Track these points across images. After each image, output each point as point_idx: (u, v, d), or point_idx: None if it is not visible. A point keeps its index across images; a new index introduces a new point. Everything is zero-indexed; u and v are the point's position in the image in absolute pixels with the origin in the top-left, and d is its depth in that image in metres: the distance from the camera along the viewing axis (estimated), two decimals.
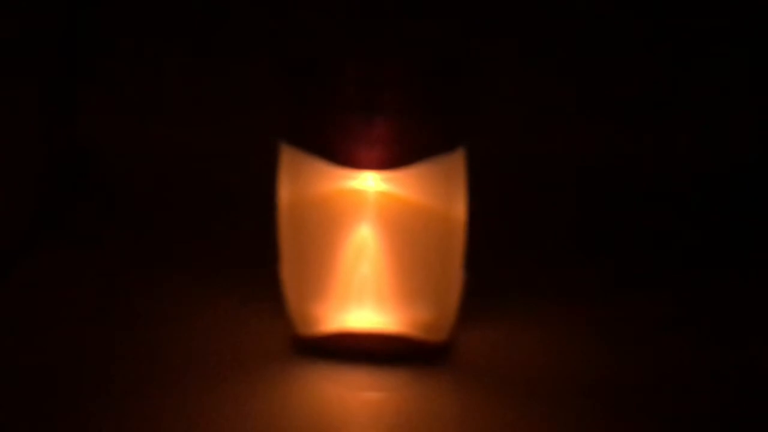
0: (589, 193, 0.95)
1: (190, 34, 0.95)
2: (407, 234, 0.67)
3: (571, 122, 0.96)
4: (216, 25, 0.95)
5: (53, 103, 0.95)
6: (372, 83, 0.65)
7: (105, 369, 0.69)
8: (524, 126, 0.95)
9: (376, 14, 0.88)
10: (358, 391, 0.68)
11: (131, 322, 0.75)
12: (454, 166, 0.67)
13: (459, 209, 0.67)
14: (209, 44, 0.95)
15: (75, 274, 0.83)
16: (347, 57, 0.66)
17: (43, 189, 0.93)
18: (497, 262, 0.84)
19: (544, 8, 0.95)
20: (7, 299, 0.79)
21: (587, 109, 0.96)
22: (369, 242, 0.67)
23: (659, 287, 0.83)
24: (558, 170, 0.95)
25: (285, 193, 0.67)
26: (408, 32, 0.89)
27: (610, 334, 0.76)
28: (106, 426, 0.64)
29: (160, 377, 0.69)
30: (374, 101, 0.64)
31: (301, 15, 0.92)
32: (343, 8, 0.91)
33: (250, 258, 0.80)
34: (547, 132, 0.95)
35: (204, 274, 0.82)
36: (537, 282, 0.83)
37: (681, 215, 0.94)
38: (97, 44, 0.96)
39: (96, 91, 0.97)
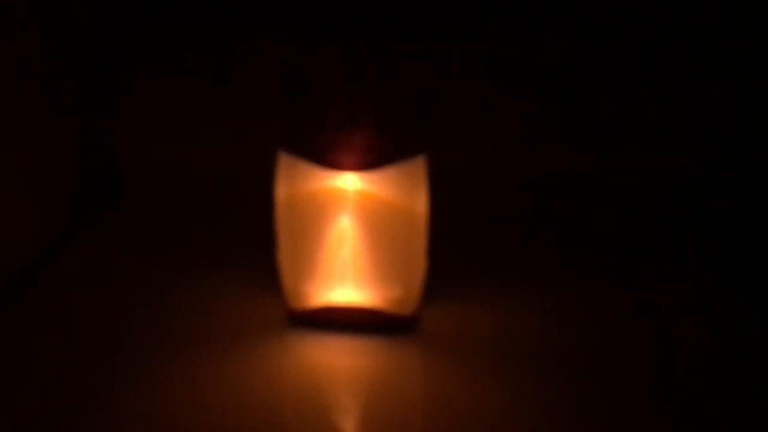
0: (541, 192, 0.96)
1: (209, 60, 0.96)
2: (380, 224, 0.72)
3: (523, 135, 0.97)
4: (232, 55, 0.96)
5: (88, 114, 0.95)
6: (352, 103, 0.71)
7: (123, 341, 0.74)
8: (481, 135, 0.96)
9: (356, 49, 0.91)
10: (341, 356, 0.73)
11: (150, 301, 0.79)
12: (417, 169, 0.72)
13: (421, 204, 0.73)
14: (225, 71, 0.96)
15: (106, 264, 0.86)
16: (332, 83, 0.72)
17: (77, 193, 0.94)
18: (459, 250, 0.87)
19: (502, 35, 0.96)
20: (53, 285, 0.82)
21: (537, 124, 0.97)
22: (349, 231, 0.72)
23: (598, 272, 0.86)
24: (513, 174, 0.96)
25: (281, 191, 0.73)
26: (381, 62, 0.91)
27: (556, 309, 0.79)
28: (119, 388, 0.68)
29: (173, 342, 0.73)
30: (353, 117, 0.70)
31: (299, 50, 0.94)
32: (331, 45, 0.93)
33: (253, 245, 0.82)
34: (502, 141, 0.96)
35: (215, 258, 0.85)
36: (492, 266, 0.86)
37: (629, 217, 0.95)
38: (130, 62, 0.97)
39: (126, 105, 0.97)
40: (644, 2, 0.96)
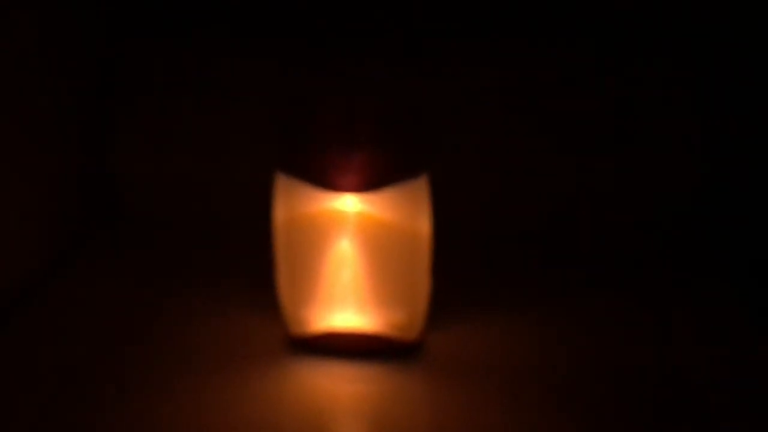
0: (548, 209, 0.96)
1: (206, 81, 0.97)
2: (381, 247, 0.71)
3: (528, 150, 0.96)
4: (230, 73, 0.97)
5: (87, 133, 0.96)
6: (349, 122, 0.70)
7: (122, 364, 0.73)
8: (484, 151, 0.96)
9: (352, 62, 0.93)
10: (342, 383, 0.72)
11: (150, 322, 0.78)
12: (419, 190, 0.71)
13: (424, 226, 0.72)
14: (221, 91, 0.97)
15: (104, 284, 0.86)
16: (329, 102, 0.71)
17: (75, 211, 0.94)
18: (463, 271, 0.86)
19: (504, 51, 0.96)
20: (49, 306, 0.82)
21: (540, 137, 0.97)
22: (349, 254, 0.71)
23: (603, 294, 0.84)
24: (518, 190, 0.96)
25: (280, 213, 0.72)
26: (381, 75, 0.92)
27: (565, 332, 0.78)
28: (116, 413, 0.67)
29: (171, 369, 0.73)
30: (352, 137, 0.69)
31: (296, 67, 0.95)
32: (329, 62, 0.95)
33: (252, 268, 0.82)
34: (507, 157, 0.96)
35: (213, 282, 0.85)
36: (498, 288, 0.85)
37: (637, 235, 0.94)
38: (129, 81, 0.98)
39: (125, 125, 0.98)
40: (650, 9, 0.96)
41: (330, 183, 0.70)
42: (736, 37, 0.95)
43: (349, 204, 0.71)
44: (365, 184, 0.70)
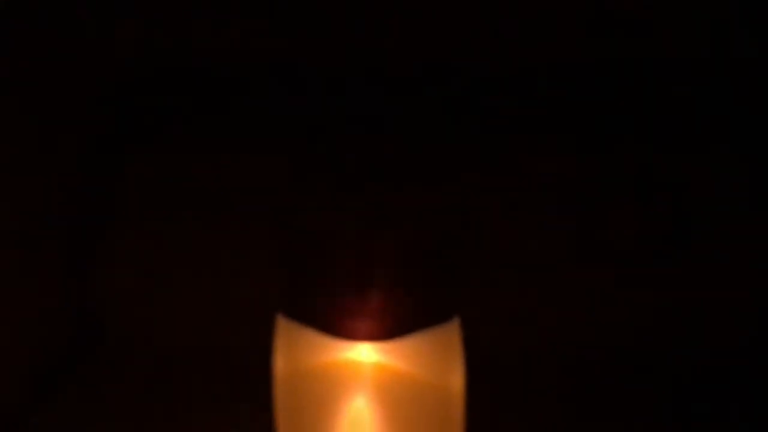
0: (590, 361, 0.89)
1: (194, 207, 0.94)
2: (404, 405, 0.63)
3: (576, 287, 0.91)
4: (218, 198, 0.94)
5: (70, 267, 0.94)
6: (365, 258, 0.63)
7: None
8: (524, 292, 0.91)
9: (367, 189, 0.89)
10: None
11: None
12: (449, 336, 0.63)
13: (456, 380, 0.63)
14: (211, 218, 0.94)
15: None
16: (341, 233, 0.66)
17: (56, 348, 0.91)
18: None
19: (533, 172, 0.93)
20: None
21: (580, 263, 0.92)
22: (365, 414, 0.63)
23: None
24: (552, 342, 0.90)
25: (281, 364, 0.64)
26: (401, 203, 0.88)
27: None
28: None
29: None
30: (367, 275, 0.62)
31: (301, 193, 0.92)
32: (341, 188, 0.91)
33: (250, 429, 0.76)
34: (551, 297, 0.91)
35: None
36: None
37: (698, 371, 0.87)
38: (110, 216, 0.95)
39: (109, 259, 0.95)
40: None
41: (341, 330, 0.62)
42: None
43: (364, 354, 0.62)
44: (383, 332, 0.62)
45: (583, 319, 0.90)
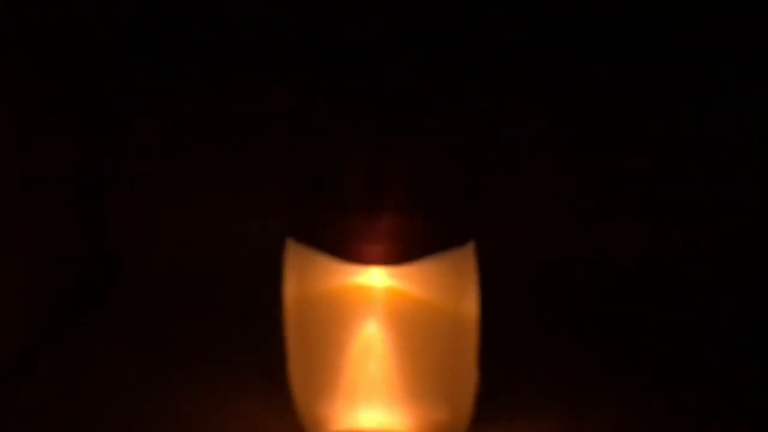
0: (604, 286, 0.89)
1: (202, 134, 0.94)
2: (417, 331, 0.62)
3: (585, 215, 0.91)
4: (225, 124, 0.94)
5: (83, 202, 0.95)
6: (376, 179, 0.62)
7: None
8: (538, 214, 0.91)
9: (379, 107, 0.88)
10: None
11: (144, 420, 0.71)
12: (463, 261, 0.63)
13: (471, 305, 0.63)
14: (219, 144, 0.94)
15: (94, 365, 0.80)
16: (351, 154, 0.65)
17: (68, 284, 0.91)
18: (515, 361, 0.78)
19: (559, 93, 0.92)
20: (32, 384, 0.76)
21: (602, 200, 0.92)
22: (376, 340, 0.62)
23: (669, 380, 0.76)
24: (571, 263, 0.90)
25: (291, 289, 0.64)
26: (414, 123, 0.88)
27: (623, 428, 0.70)
28: None
29: None
30: (379, 197, 0.62)
31: (309, 114, 0.90)
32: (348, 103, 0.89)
33: (259, 353, 0.76)
34: (561, 224, 0.91)
35: (213, 370, 0.78)
36: (554, 377, 0.77)
37: (695, 308, 0.87)
38: (122, 144, 0.95)
39: (123, 191, 0.95)
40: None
41: (353, 253, 0.61)
42: None
43: (376, 279, 0.62)
44: (396, 255, 0.61)
45: (602, 243, 0.90)
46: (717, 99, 0.91)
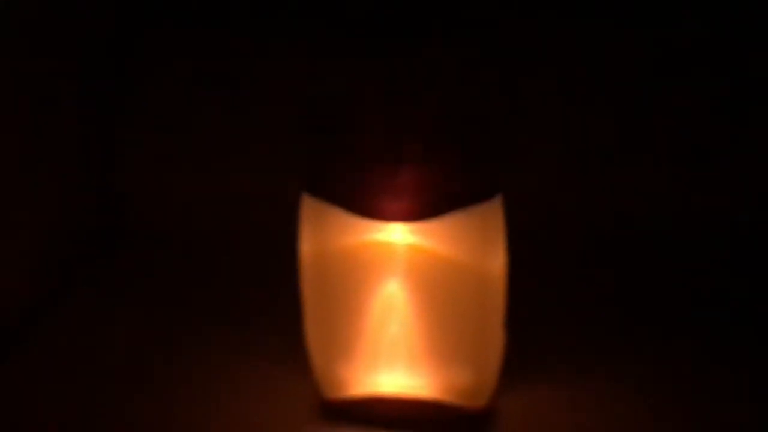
0: (634, 243, 0.88)
1: (214, 85, 0.93)
2: (440, 290, 0.61)
3: (612, 166, 0.90)
4: (238, 75, 0.93)
5: (91, 151, 0.94)
6: (397, 131, 0.61)
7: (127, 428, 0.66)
8: (564, 171, 0.90)
9: (401, 58, 0.86)
10: None
11: (154, 382, 0.71)
12: (490, 216, 0.61)
13: (497, 262, 0.61)
14: (231, 95, 0.93)
15: (104, 324, 0.80)
16: (370, 105, 0.63)
17: (78, 237, 0.91)
18: (537, 320, 0.77)
19: (584, 47, 0.91)
20: (39, 345, 0.76)
21: (628, 152, 0.91)
22: (398, 299, 0.61)
23: (700, 346, 0.75)
24: (599, 220, 0.89)
25: (307, 246, 0.63)
26: (437, 70, 0.85)
27: (653, 395, 0.69)
28: None
29: None
30: (399, 150, 0.60)
31: (326, 65, 0.90)
32: (368, 56, 0.88)
33: (275, 316, 0.75)
34: (589, 177, 0.90)
35: (228, 330, 0.77)
36: (584, 342, 0.76)
37: (727, 271, 0.85)
38: (133, 94, 0.95)
39: (132, 141, 0.95)
40: None
41: (373, 210, 0.60)
42: None
43: (397, 236, 0.60)
44: (418, 211, 0.60)
45: (630, 199, 0.89)
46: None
